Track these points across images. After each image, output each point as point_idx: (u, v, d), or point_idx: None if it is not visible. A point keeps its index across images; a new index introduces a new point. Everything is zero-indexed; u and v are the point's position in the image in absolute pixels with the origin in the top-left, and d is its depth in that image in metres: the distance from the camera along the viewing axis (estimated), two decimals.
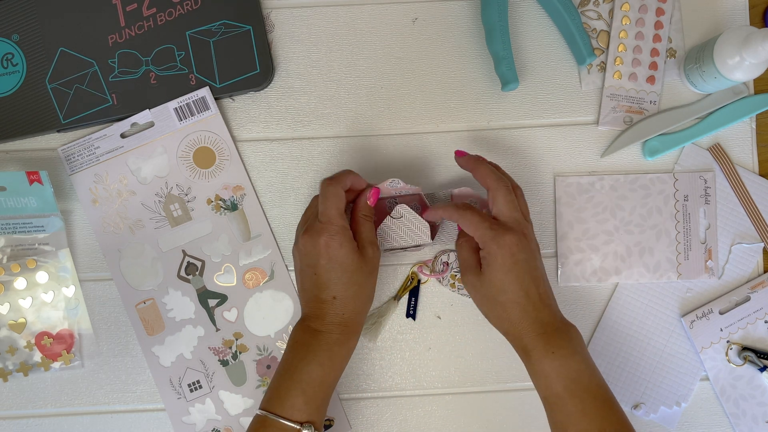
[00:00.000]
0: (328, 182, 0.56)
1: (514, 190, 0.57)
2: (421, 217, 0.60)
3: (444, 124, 0.65)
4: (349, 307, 0.55)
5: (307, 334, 0.55)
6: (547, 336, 0.53)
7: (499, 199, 0.55)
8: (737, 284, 0.65)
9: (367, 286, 0.57)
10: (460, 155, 0.60)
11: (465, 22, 0.66)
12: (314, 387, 0.54)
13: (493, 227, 0.54)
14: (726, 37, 0.59)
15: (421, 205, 0.61)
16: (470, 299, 0.63)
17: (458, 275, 0.64)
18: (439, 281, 0.64)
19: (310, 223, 0.56)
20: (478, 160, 0.58)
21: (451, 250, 0.64)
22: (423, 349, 0.65)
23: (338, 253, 0.54)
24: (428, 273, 0.64)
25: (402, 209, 0.59)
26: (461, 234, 0.59)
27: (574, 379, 0.52)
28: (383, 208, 0.62)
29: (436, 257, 0.64)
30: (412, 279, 0.64)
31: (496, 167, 0.59)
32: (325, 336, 0.55)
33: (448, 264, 0.64)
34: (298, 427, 0.52)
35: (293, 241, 0.64)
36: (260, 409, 0.54)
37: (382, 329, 0.64)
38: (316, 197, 0.59)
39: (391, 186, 0.59)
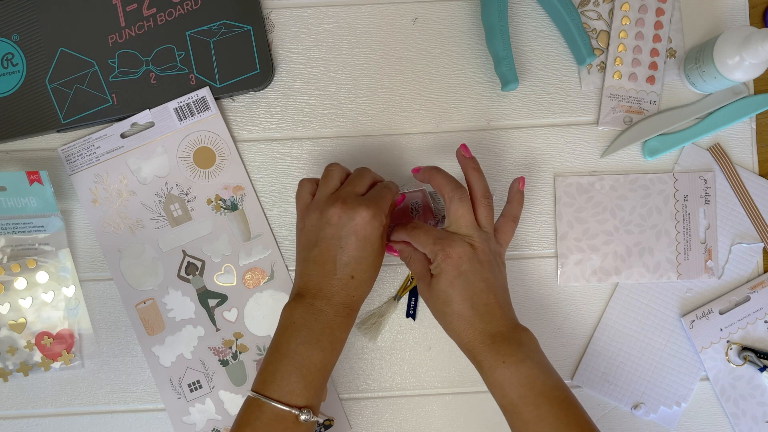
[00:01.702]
0: (389, 182, 0.57)
1: (481, 198, 0.56)
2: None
3: (444, 124, 0.65)
4: (361, 290, 0.55)
5: (308, 314, 0.53)
6: (497, 345, 0.52)
7: (451, 210, 0.55)
8: (737, 284, 0.65)
9: (377, 273, 0.56)
10: (415, 171, 0.59)
11: (465, 22, 0.66)
12: (314, 372, 0.52)
13: (437, 241, 0.54)
14: (726, 37, 0.59)
15: (423, 203, 0.61)
16: None
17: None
18: None
19: (344, 195, 0.54)
20: (434, 169, 0.57)
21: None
22: (423, 349, 0.65)
23: (376, 233, 0.53)
24: None
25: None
26: (403, 255, 0.59)
27: (526, 385, 0.51)
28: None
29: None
30: (412, 279, 0.64)
31: (476, 170, 0.57)
32: (330, 318, 0.53)
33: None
34: (296, 412, 0.51)
35: (294, 240, 0.64)
36: (253, 391, 0.52)
37: (382, 329, 0.64)
38: (306, 179, 0.58)
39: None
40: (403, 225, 0.57)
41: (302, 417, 0.51)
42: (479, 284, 0.53)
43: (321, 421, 0.53)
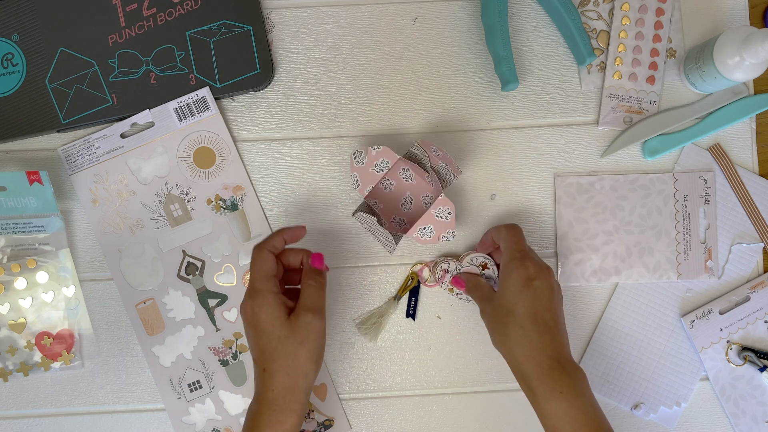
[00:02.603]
0: (256, 247, 0.54)
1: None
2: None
3: (444, 124, 0.65)
4: (277, 382, 0.51)
5: (248, 417, 0.53)
6: (554, 373, 0.51)
7: (516, 237, 0.57)
8: (737, 284, 0.65)
9: (298, 357, 0.52)
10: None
11: (465, 22, 0.66)
12: None
13: (521, 250, 0.55)
14: (726, 37, 0.59)
15: (412, 169, 0.61)
16: (468, 302, 0.63)
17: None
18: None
19: None
20: (506, 226, 0.59)
21: (451, 258, 0.64)
22: (423, 349, 0.65)
23: (259, 317, 0.52)
24: (426, 280, 0.64)
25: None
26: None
27: (579, 421, 0.50)
28: (380, 192, 0.62)
29: (435, 263, 0.64)
30: (412, 279, 0.64)
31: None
32: (259, 418, 0.51)
33: (447, 271, 0.63)
34: None
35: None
36: None
37: (382, 329, 0.64)
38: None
39: (378, 169, 0.59)
40: (504, 226, 0.58)
41: None
42: (546, 303, 0.53)
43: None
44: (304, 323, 0.52)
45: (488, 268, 0.62)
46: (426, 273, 0.64)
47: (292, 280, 0.58)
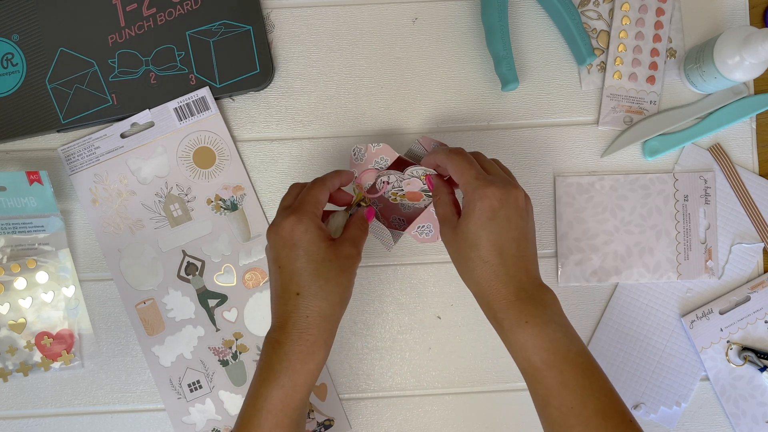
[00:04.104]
0: (317, 180, 0.53)
1: (482, 157, 0.54)
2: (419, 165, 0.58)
3: (444, 124, 0.65)
4: (313, 306, 0.49)
5: (269, 348, 0.50)
6: (520, 303, 0.49)
7: (482, 159, 0.53)
8: (737, 284, 0.65)
9: (339, 284, 0.50)
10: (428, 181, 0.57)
11: (465, 22, 0.66)
12: (277, 414, 0.49)
13: (479, 177, 0.50)
14: (726, 37, 0.59)
15: (390, 158, 0.60)
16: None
17: (400, 192, 0.60)
18: (382, 196, 0.61)
19: (275, 217, 0.53)
20: (446, 152, 0.53)
21: (391, 172, 0.60)
22: (423, 349, 0.65)
23: (303, 237, 0.49)
24: (366, 188, 0.60)
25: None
26: (438, 189, 0.56)
27: (550, 349, 0.48)
28: (374, 190, 0.61)
29: (376, 180, 0.60)
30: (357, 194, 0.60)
31: (451, 152, 0.54)
32: (287, 349, 0.49)
33: (387, 183, 0.60)
34: None
35: None
36: None
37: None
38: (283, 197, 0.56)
39: (377, 166, 0.58)
40: (445, 149, 0.53)
41: None
42: (512, 232, 0.50)
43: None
44: (348, 254, 0.51)
45: (388, 184, 0.59)
46: (367, 180, 0.60)
47: None
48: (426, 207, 0.59)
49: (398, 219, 0.63)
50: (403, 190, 0.60)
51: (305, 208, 0.51)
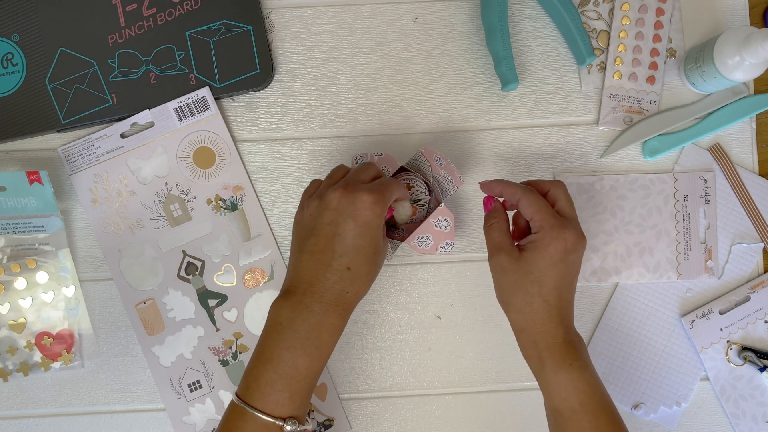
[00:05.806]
0: (391, 178, 0.55)
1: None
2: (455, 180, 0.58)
3: (444, 124, 0.65)
4: (357, 285, 0.51)
5: (295, 313, 0.50)
6: (566, 345, 0.51)
7: (562, 196, 0.53)
8: (737, 284, 0.65)
9: (376, 276, 0.53)
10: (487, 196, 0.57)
11: (465, 22, 0.66)
12: (299, 380, 0.49)
13: (557, 216, 0.52)
14: (726, 37, 0.59)
15: (391, 167, 0.60)
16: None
17: (419, 200, 0.60)
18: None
19: (346, 181, 0.52)
20: (522, 188, 0.54)
21: (411, 175, 0.60)
22: (423, 349, 0.65)
23: (376, 220, 0.50)
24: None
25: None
26: (491, 215, 0.56)
27: (588, 393, 0.50)
28: None
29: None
30: None
31: (526, 189, 0.54)
32: (318, 318, 0.49)
33: (410, 186, 0.60)
34: (281, 423, 0.48)
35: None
36: (238, 396, 0.49)
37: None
38: (315, 181, 0.56)
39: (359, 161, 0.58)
40: (518, 185, 0.54)
41: (287, 428, 0.49)
42: (572, 278, 0.52)
43: (311, 428, 0.51)
44: (387, 253, 0.54)
45: (412, 188, 0.59)
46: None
47: None
48: (425, 218, 0.59)
49: (399, 228, 0.63)
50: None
51: (387, 195, 0.52)
